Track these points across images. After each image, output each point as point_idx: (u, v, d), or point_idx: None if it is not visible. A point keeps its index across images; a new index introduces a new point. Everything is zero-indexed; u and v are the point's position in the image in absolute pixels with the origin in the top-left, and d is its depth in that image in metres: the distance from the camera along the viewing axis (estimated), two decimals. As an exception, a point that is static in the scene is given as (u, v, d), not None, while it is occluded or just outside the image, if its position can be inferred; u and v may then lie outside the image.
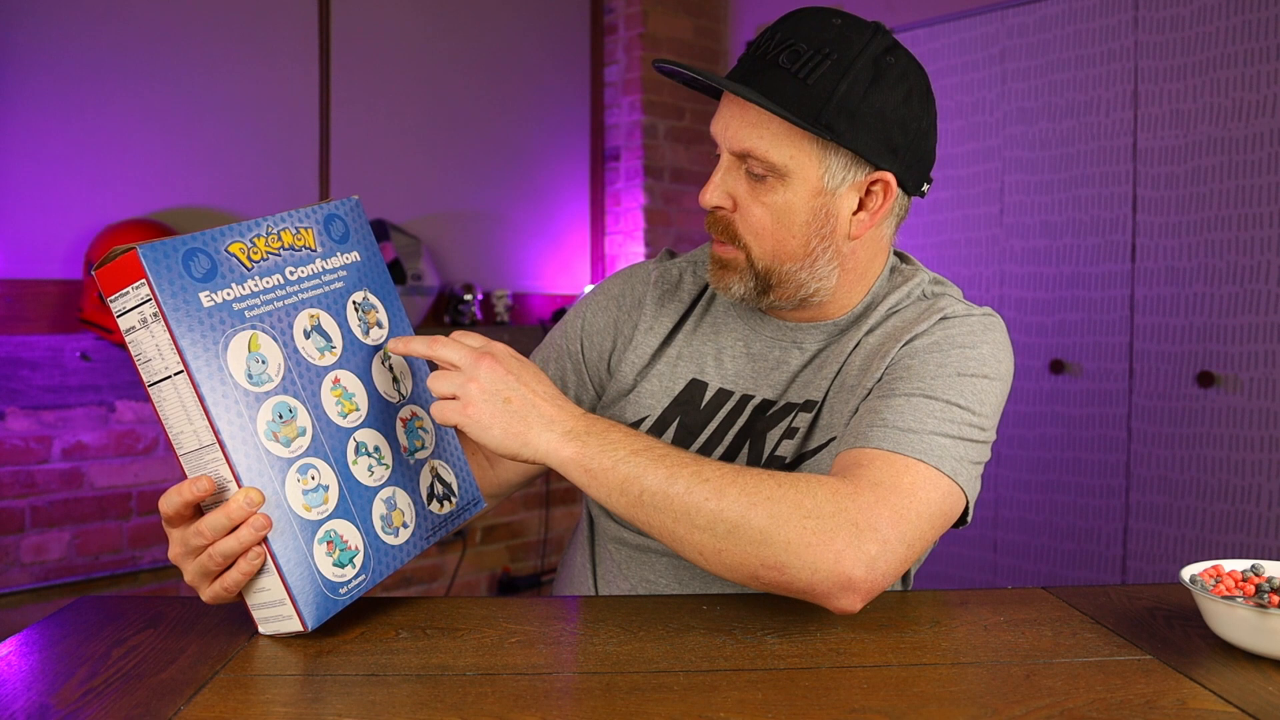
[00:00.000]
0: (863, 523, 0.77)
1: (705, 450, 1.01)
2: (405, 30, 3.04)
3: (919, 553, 0.83)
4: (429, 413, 0.90)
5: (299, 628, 0.77)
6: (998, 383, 0.92)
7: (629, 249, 3.51)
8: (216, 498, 0.75)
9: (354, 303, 0.86)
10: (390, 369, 0.87)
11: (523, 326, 3.23)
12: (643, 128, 3.48)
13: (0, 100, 2.28)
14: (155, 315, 0.72)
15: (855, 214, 0.94)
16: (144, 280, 0.71)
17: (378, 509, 0.83)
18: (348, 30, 2.89)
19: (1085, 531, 2.70)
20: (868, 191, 0.93)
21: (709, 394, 1.02)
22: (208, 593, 0.77)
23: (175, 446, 0.76)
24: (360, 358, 0.85)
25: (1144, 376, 2.58)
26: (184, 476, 0.76)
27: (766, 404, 1.00)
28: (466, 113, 3.19)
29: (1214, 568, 0.80)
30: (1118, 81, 2.60)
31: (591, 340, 1.09)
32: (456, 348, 0.82)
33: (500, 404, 0.80)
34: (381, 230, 2.83)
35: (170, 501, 0.74)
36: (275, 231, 0.81)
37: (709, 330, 1.05)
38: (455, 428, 0.83)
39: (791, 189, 0.91)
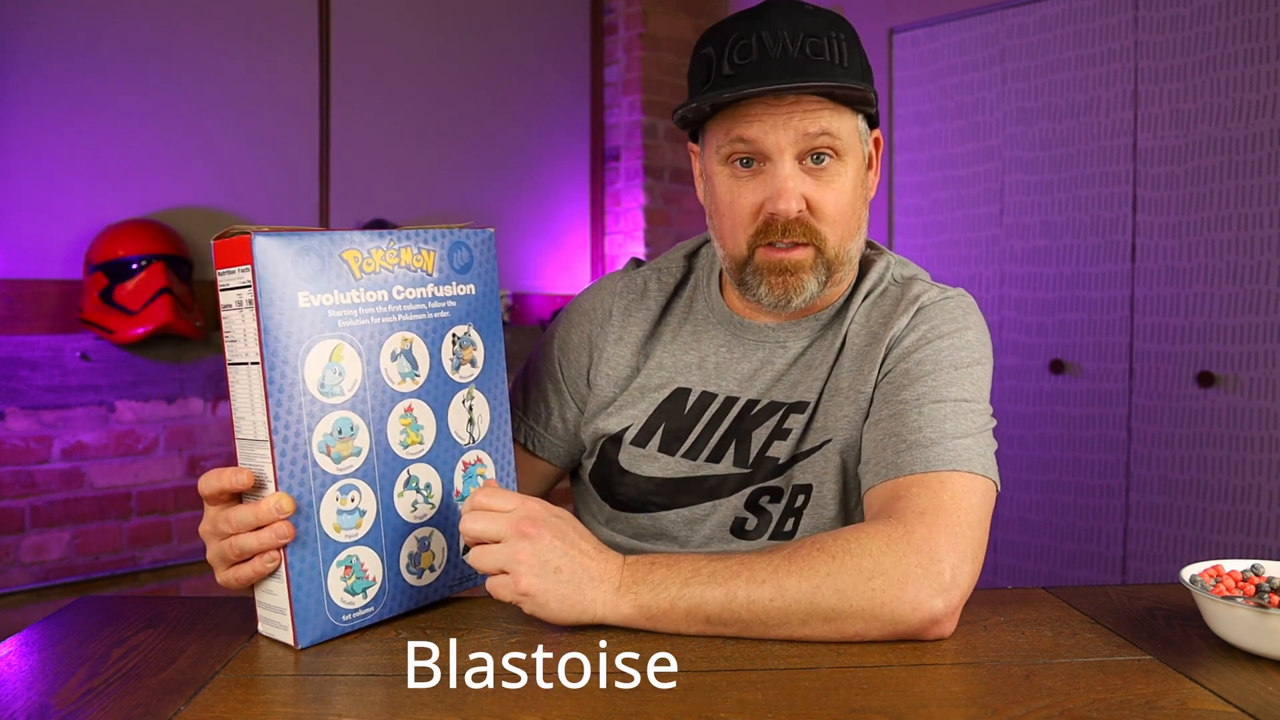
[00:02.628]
0: (926, 560, 0.78)
1: (692, 453, 1.00)
2: (405, 30, 3.04)
3: (983, 557, 0.83)
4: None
5: (290, 641, 0.77)
6: (987, 364, 0.95)
7: (629, 249, 3.51)
8: (254, 491, 0.76)
9: (454, 335, 0.84)
10: (469, 409, 0.86)
11: (523, 326, 3.23)
12: (643, 128, 3.48)
13: (0, 100, 2.28)
14: (250, 302, 0.72)
15: (869, 173, 0.99)
16: (250, 266, 0.72)
17: (409, 546, 0.82)
18: (348, 30, 2.89)
19: (1085, 531, 2.70)
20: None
21: (692, 398, 1.02)
22: (220, 577, 0.79)
23: (235, 428, 0.76)
24: (442, 391, 0.83)
25: (1144, 376, 2.58)
26: (235, 458, 0.77)
27: (751, 403, 1.00)
28: (466, 113, 3.19)
29: (1214, 568, 0.80)
30: (1118, 81, 2.60)
31: (569, 357, 1.09)
32: (491, 520, 0.78)
33: (552, 575, 0.77)
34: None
35: (209, 484, 0.76)
36: (396, 248, 0.79)
37: (689, 337, 1.04)
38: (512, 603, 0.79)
39: (848, 165, 0.94)
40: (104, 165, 2.43)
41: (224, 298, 0.75)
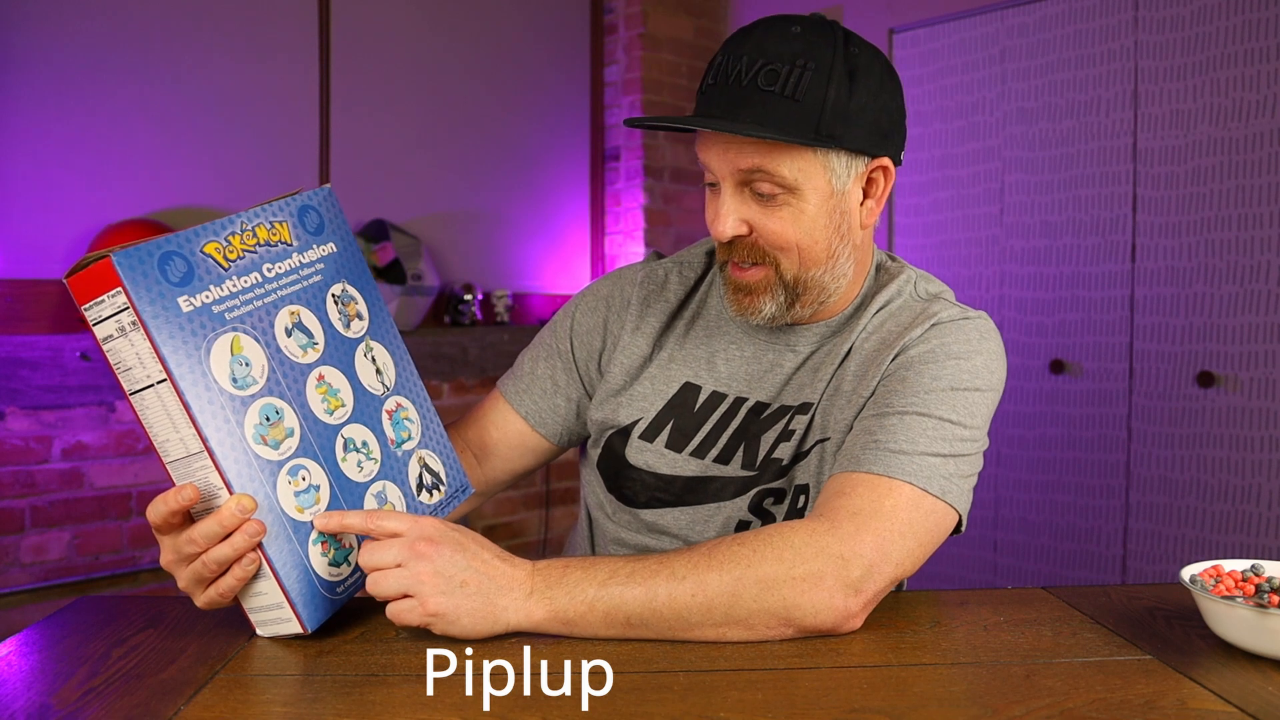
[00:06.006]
0: (846, 553, 0.79)
1: (700, 453, 1.00)
2: (405, 30, 3.04)
3: (909, 569, 0.84)
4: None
5: (298, 629, 0.77)
6: (990, 393, 0.93)
7: (629, 249, 3.51)
8: (207, 504, 0.74)
9: (333, 295, 0.84)
10: (373, 361, 0.86)
11: (523, 326, 3.22)
12: (643, 128, 3.47)
13: (0, 100, 2.28)
14: (134, 323, 0.70)
15: (862, 204, 0.95)
16: (120, 288, 0.70)
17: (369, 504, 0.82)
18: (348, 30, 2.89)
19: (1085, 531, 2.70)
20: (868, 180, 0.95)
21: (703, 397, 1.02)
22: (202, 599, 0.77)
23: (161, 455, 0.75)
24: (343, 352, 0.84)
25: (1144, 376, 2.58)
26: (172, 483, 0.75)
27: (761, 406, 1.00)
28: (466, 113, 3.19)
29: (1214, 568, 0.80)
30: (1118, 81, 2.60)
31: (581, 340, 1.09)
32: (386, 548, 0.75)
33: (459, 590, 0.75)
34: (381, 230, 2.83)
35: (157, 510, 0.73)
36: (250, 228, 0.79)
37: (702, 334, 1.05)
38: (419, 627, 0.76)
39: (805, 199, 0.91)
40: (104, 165, 2.43)
41: (100, 330, 0.72)
